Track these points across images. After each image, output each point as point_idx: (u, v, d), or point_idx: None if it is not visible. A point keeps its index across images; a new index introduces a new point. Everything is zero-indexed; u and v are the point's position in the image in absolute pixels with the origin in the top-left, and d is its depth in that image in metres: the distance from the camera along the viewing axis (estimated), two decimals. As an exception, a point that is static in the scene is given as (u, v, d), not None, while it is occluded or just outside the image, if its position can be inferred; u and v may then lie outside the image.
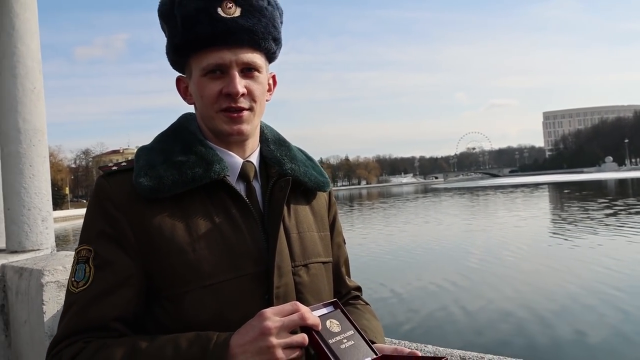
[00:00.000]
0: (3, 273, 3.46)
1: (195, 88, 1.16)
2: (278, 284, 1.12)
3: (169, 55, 1.21)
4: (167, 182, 1.11)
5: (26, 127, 4.62)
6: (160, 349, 1.00)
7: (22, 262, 3.41)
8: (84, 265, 1.10)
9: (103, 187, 1.15)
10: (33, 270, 2.98)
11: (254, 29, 1.12)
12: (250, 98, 1.16)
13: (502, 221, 27.06)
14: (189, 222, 1.11)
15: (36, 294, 2.89)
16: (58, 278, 2.90)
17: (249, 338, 0.97)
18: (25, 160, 4.58)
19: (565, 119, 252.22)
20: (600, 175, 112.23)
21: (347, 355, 1.00)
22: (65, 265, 2.98)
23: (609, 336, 8.22)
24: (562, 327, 8.70)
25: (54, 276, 2.89)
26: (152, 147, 1.21)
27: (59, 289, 2.90)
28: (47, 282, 2.86)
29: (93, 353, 1.03)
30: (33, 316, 2.96)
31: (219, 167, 1.14)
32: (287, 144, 1.33)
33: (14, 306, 3.26)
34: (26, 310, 3.07)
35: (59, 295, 2.89)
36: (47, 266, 2.94)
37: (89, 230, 1.14)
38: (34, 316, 2.94)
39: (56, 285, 2.89)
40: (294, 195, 1.25)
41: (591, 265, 13.54)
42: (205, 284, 1.08)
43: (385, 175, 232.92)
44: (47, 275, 2.87)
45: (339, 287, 1.38)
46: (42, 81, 4.92)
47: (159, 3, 1.18)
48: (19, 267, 3.22)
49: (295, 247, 1.20)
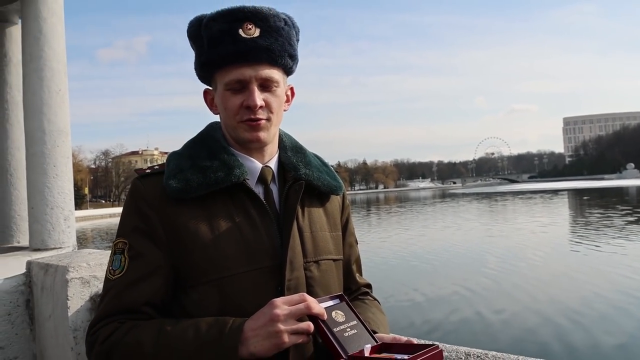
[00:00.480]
0: (29, 269, 3.56)
1: (220, 100, 1.29)
2: (290, 277, 1.23)
3: (197, 71, 1.33)
4: (193, 184, 1.24)
5: (51, 129, 4.74)
6: (184, 330, 1.13)
7: (47, 258, 3.51)
8: (120, 255, 1.24)
9: (138, 188, 1.29)
10: (58, 266, 3.08)
11: (272, 48, 1.24)
12: (268, 110, 1.27)
13: (520, 226, 26.99)
14: (211, 221, 1.24)
15: (61, 290, 2.98)
16: (82, 274, 2.99)
17: (260, 323, 1.10)
18: (50, 160, 4.70)
19: (585, 125, 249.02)
20: (621, 182, 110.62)
21: (349, 342, 1.11)
22: (89, 262, 3.07)
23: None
24: (580, 332, 8.68)
25: (78, 272, 2.98)
26: (182, 152, 1.34)
27: (83, 285, 2.99)
28: (71, 278, 2.95)
29: (126, 331, 1.16)
30: (58, 311, 3.05)
31: (239, 171, 1.26)
32: (304, 150, 1.44)
33: (39, 301, 3.35)
34: (51, 305, 3.16)
35: (83, 291, 2.98)
36: (72, 263, 3.03)
37: (125, 226, 1.28)
38: (59, 311, 3.03)
39: (80, 282, 2.98)
40: (308, 198, 1.36)
41: (616, 271, 13.50)
42: (225, 275, 1.21)
43: (402, 180, 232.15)
44: (72, 271, 2.96)
45: (349, 284, 1.48)
46: (67, 83, 5.05)
47: (188, 25, 1.30)
48: (45, 263, 3.31)
49: (307, 244, 1.31)
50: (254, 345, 1.09)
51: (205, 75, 1.32)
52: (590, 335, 8.57)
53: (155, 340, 1.14)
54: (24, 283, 3.50)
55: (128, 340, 1.15)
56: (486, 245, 20.38)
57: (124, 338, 1.16)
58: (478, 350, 1.69)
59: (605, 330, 8.82)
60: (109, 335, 1.18)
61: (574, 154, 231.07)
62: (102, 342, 1.18)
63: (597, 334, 8.65)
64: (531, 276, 13.66)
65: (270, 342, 1.09)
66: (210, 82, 1.33)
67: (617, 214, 30.39)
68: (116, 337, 1.17)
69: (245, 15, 1.23)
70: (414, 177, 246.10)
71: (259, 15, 1.24)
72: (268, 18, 1.25)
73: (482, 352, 1.67)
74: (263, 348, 1.09)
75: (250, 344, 1.09)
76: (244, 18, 1.23)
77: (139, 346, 1.14)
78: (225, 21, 1.23)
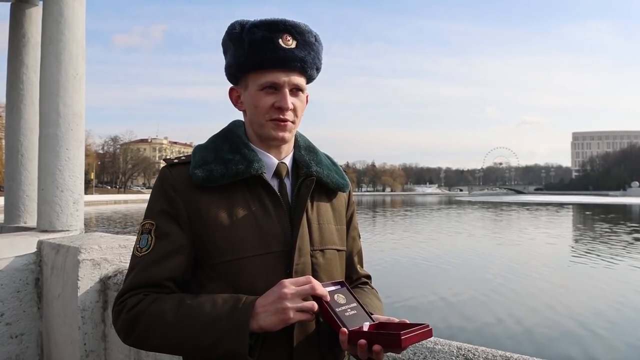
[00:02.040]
0: (40, 249, 3.60)
1: (251, 99, 1.42)
2: (297, 262, 1.37)
3: (231, 69, 1.45)
4: (216, 174, 1.37)
5: (66, 112, 4.77)
6: (202, 303, 1.27)
7: (59, 239, 3.55)
8: (147, 235, 1.38)
9: (166, 175, 1.42)
10: (70, 247, 3.12)
11: (305, 59, 1.40)
12: (294, 113, 1.42)
13: (531, 237, 27.55)
14: (231, 208, 1.37)
15: (72, 270, 3.03)
16: (93, 256, 3.04)
17: (270, 300, 1.23)
18: (63, 143, 4.73)
19: (594, 141, 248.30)
20: (625, 199, 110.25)
21: (350, 321, 1.26)
22: (100, 245, 3.12)
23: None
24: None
25: (90, 254, 3.03)
26: (207, 146, 1.48)
27: (93, 266, 3.03)
28: (83, 259, 3.00)
29: (150, 302, 1.30)
30: (67, 290, 3.10)
31: (257, 165, 1.40)
32: (316, 150, 1.58)
33: (48, 280, 3.40)
34: (60, 285, 3.21)
35: (93, 272, 3.02)
36: (83, 244, 3.08)
37: (153, 208, 1.41)
38: (68, 290, 3.08)
39: (91, 263, 3.03)
40: (318, 193, 1.50)
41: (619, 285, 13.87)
42: (240, 257, 1.34)
43: (410, 184, 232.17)
44: (83, 253, 3.01)
45: (351, 273, 1.62)
46: (84, 68, 5.07)
47: (229, 27, 1.43)
48: (56, 243, 3.36)
49: (315, 234, 1.44)
50: (264, 319, 1.22)
51: (238, 74, 1.44)
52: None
53: (176, 311, 1.26)
54: (34, 262, 3.54)
55: (152, 310, 1.28)
56: (501, 251, 21.28)
57: (148, 308, 1.29)
58: (469, 345, 1.82)
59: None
60: (135, 305, 1.30)
61: (581, 168, 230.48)
62: (129, 310, 1.31)
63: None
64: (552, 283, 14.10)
65: (278, 317, 1.22)
66: (239, 81, 1.45)
67: (624, 230, 30.74)
68: (141, 307, 1.30)
69: (285, 27, 1.38)
70: (421, 182, 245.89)
71: (297, 29, 1.39)
72: (304, 33, 1.40)
73: (472, 347, 1.80)
74: (271, 322, 1.22)
75: (260, 318, 1.22)
76: (284, 30, 1.37)
77: (162, 315, 1.27)
78: (267, 30, 1.37)
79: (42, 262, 3.55)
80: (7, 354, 3.36)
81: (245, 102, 1.45)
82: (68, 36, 4.83)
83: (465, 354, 1.77)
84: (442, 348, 1.82)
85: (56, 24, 4.82)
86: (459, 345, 1.83)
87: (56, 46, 4.80)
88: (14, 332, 3.42)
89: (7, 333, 3.39)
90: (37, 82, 5.17)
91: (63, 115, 4.79)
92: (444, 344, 1.85)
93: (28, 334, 3.48)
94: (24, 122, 6.07)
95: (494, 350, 1.78)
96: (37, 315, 3.52)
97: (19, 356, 3.43)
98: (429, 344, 1.86)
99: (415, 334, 1.20)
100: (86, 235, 3.66)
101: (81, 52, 4.95)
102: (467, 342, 1.86)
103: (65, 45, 4.80)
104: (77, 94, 4.90)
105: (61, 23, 4.81)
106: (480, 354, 1.75)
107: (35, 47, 5.95)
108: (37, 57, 5.42)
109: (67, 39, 4.83)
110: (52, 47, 4.83)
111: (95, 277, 3.06)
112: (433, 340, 1.89)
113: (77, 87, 4.90)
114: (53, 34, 4.85)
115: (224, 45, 1.46)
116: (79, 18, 4.94)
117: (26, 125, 6.07)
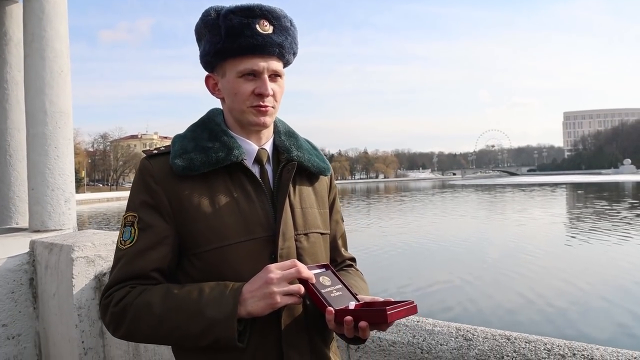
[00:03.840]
0: (32, 248, 3.57)
1: (229, 86, 1.41)
2: (282, 246, 1.38)
3: (207, 57, 1.43)
4: (196, 163, 1.37)
5: (52, 110, 4.73)
6: (188, 292, 1.28)
7: (51, 238, 3.52)
8: (130, 227, 1.37)
9: (146, 166, 1.41)
10: (63, 245, 3.10)
11: (283, 44, 1.40)
12: (274, 98, 1.42)
13: (535, 217, 27.79)
14: (212, 195, 1.38)
15: (66, 268, 3.01)
16: (87, 254, 3.02)
17: (256, 286, 1.25)
18: (51, 141, 4.69)
19: (585, 120, 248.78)
20: (618, 177, 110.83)
21: (335, 301, 1.29)
22: (93, 242, 3.09)
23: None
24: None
25: (83, 252, 3.01)
26: (185, 135, 1.48)
27: (88, 264, 3.02)
28: (77, 257, 2.98)
29: (137, 294, 1.30)
30: (62, 289, 3.08)
31: (237, 152, 1.39)
32: (296, 135, 1.58)
33: (43, 279, 3.38)
34: (55, 284, 3.19)
35: (88, 270, 3.01)
36: (77, 242, 3.06)
37: (134, 200, 1.40)
38: (63, 289, 3.06)
39: (85, 261, 3.01)
40: (299, 178, 1.51)
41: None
42: (224, 244, 1.34)
43: (403, 170, 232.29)
44: (77, 250, 2.99)
45: (335, 256, 1.63)
46: (69, 64, 5.02)
47: (202, 15, 1.42)
48: (49, 242, 3.33)
49: (298, 219, 1.45)
50: (251, 305, 1.24)
51: (215, 62, 1.42)
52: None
53: (164, 301, 1.28)
54: (27, 262, 3.52)
55: (139, 302, 1.29)
56: (514, 231, 21.57)
57: (136, 300, 1.30)
58: (468, 325, 1.84)
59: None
60: (122, 298, 1.31)
61: (573, 148, 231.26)
62: (116, 304, 1.31)
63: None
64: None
65: (265, 302, 1.23)
66: (215, 68, 1.44)
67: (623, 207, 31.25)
68: (128, 299, 1.30)
69: (262, 12, 1.37)
70: (414, 167, 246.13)
71: (274, 14, 1.38)
72: (280, 18, 1.40)
73: (471, 327, 1.82)
74: (259, 308, 1.24)
75: (248, 304, 1.24)
76: (261, 15, 1.37)
77: (149, 307, 1.28)
78: (244, 15, 1.36)
79: (35, 262, 3.53)
80: (5, 355, 3.34)
81: (224, 89, 1.44)
82: (51, 33, 4.78)
83: (464, 334, 1.77)
84: (441, 329, 1.82)
85: (38, 21, 4.77)
86: (457, 326, 1.84)
87: (39, 43, 4.74)
88: (10, 333, 3.40)
89: (4, 334, 3.37)
90: (22, 80, 5.12)
91: (50, 113, 4.75)
92: (443, 325, 1.85)
93: (25, 335, 3.46)
94: (10, 122, 6.00)
95: (493, 330, 1.78)
96: (33, 315, 3.50)
97: (17, 357, 3.41)
98: (427, 326, 1.86)
99: (400, 309, 1.23)
100: (79, 233, 3.64)
101: (65, 48, 4.90)
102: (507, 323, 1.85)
103: (48, 42, 4.75)
104: (63, 92, 4.86)
105: (43, 19, 4.75)
106: (479, 334, 1.76)
107: (17, 45, 5.87)
108: (20, 55, 5.35)
109: (50, 35, 4.77)
110: (35, 44, 4.77)
111: (90, 274, 3.04)
112: (432, 322, 1.89)
113: (63, 84, 4.86)
114: (35, 30, 4.79)
115: (198, 32, 1.45)
116: (61, 14, 4.89)
117: (13, 125, 6.00)
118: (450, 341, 1.76)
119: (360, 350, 1.94)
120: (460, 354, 1.71)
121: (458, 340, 1.75)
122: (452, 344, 1.75)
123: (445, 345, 1.75)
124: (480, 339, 1.72)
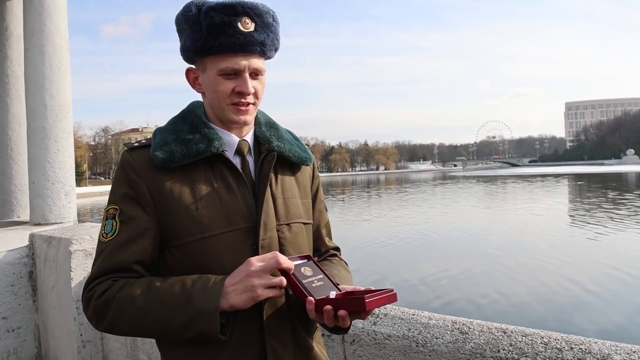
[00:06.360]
0: (31, 242, 3.59)
1: (210, 83, 1.41)
2: (264, 237, 1.38)
3: (188, 52, 1.43)
4: (177, 155, 1.37)
5: (52, 104, 4.73)
6: (171, 285, 1.28)
7: (50, 231, 3.53)
8: (112, 220, 1.37)
9: (127, 159, 1.41)
10: (62, 238, 3.11)
11: (265, 42, 1.39)
12: (255, 96, 1.42)
13: (546, 207, 28.37)
14: (193, 187, 1.38)
15: (64, 261, 3.02)
16: (85, 247, 3.03)
17: (238, 279, 1.26)
18: (51, 135, 4.69)
19: (587, 110, 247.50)
20: (620, 167, 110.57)
21: (317, 291, 1.30)
22: (92, 235, 3.10)
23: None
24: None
25: (81, 245, 3.02)
26: (166, 127, 1.48)
27: (85, 257, 3.03)
28: (75, 250, 2.99)
29: (120, 287, 1.30)
30: (61, 282, 3.10)
31: (218, 143, 1.40)
32: (277, 126, 1.58)
33: (42, 272, 3.40)
34: (54, 277, 3.20)
35: (86, 262, 3.02)
36: (75, 235, 3.08)
37: (116, 193, 1.40)
38: (62, 282, 3.08)
39: (83, 254, 3.02)
40: (281, 168, 1.51)
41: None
42: (205, 235, 1.34)
43: (403, 162, 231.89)
44: (75, 243, 3.00)
45: (319, 246, 1.64)
46: (69, 59, 5.02)
47: (183, 9, 1.40)
48: (48, 235, 3.35)
49: (280, 209, 1.45)
50: (233, 298, 1.25)
51: (194, 57, 1.42)
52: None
53: (146, 295, 1.28)
54: (26, 255, 3.54)
55: (121, 296, 1.29)
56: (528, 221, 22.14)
57: (118, 293, 1.29)
58: (463, 319, 1.84)
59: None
60: (104, 291, 1.30)
61: (575, 138, 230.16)
62: (98, 297, 1.31)
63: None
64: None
65: (247, 295, 1.25)
66: (196, 63, 1.44)
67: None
68: (111, 292, 1.30)
69: (244, 10, 1.36)
70: (414, 159, 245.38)
71: (256, 11, 1.37)
72: (262, 14, 1.38)
73: (467, 321, 1.81)
74: (241, 300, 1.25)
75: (230, 297, 1.25)
76: (243, 12, 1.36)
77: (132, 300, 1.28)
78: (225, 13, 1.35)
79: (34, 255, 3.54)
80: (5, 347, 3.36)
81: (204, 84, 1.44)
82: (50, 27, 4.78)
83: (460, 327, 1.77)
84: (437, 323, 1.82)
85: (38, 15, 4.76)
86: (453, 319, 1.84)
87: (39, 38, 4.74)
88: (10, 326, 3.42)
89: (4, 327, 3.39)
90: (22, 75, 5.12)
91: (50, 107, 4.75)
92: (439, 318, 1.85)
93: (25, 327, 3.48)
94: (11, 116, 6.01)
95: (489, 323, 1.78)
96: (32, 308, 3.52)
97: (16, 349, 3.43)
98: (423, 319, 1.86)
99: (380, 297, 1.24)
100: (77, 226, 3.66)
101: (64, 42, 4.89)
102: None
103: (48, 37, 4.75)
104: (63, 85, 4.86)
105: (42, 14, 4.75)
106: (475, 327, 1.76)
107: (18, 40, 5.86)
108: (20, 50, 5.35)
109: (50, 30, 4.77)
110: (35, 38, 4.77)
111: (87, 267, 3.06)
112: (427, 314, 1.89)
113: (63, 79, 4.86)
114: (35, 25, 4.79)
115: (178, 24, 1.44)
116: (61, 8, 4.88)
117: (14, 119, 6.00)
118: (446, 334, 1.76)
119: (356, 343, 1.94)
120: (456, 347, 1.71)
121: (454, 333, 1.75)
122: (448, 338, 1.75)
123: (440, 339, 1.76)
124: (476, 333, 1.73)
